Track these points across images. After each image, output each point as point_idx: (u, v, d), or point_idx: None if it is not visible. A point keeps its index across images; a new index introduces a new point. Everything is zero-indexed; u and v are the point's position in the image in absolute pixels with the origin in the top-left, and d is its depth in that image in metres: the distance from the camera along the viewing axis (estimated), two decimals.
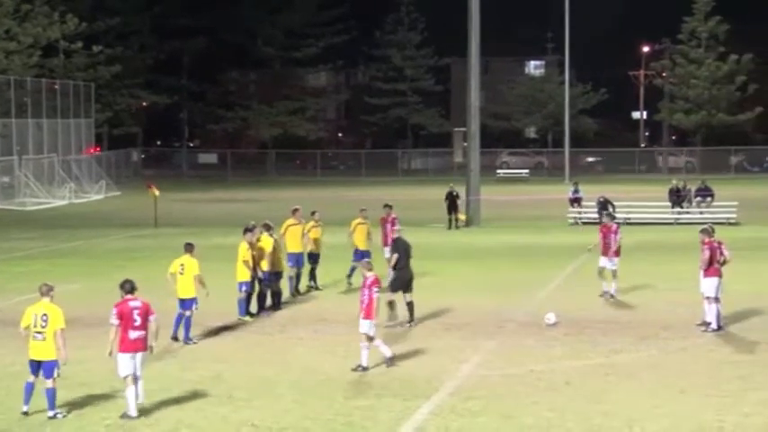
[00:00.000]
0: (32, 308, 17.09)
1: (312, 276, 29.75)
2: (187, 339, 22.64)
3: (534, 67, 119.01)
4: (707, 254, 23.06)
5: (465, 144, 55.81)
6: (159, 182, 60.26)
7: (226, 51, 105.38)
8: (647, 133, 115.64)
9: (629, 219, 48.77)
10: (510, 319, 24.90)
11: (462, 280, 31.67)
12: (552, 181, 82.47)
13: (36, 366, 16.99)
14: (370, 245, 29.91)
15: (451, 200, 48.39)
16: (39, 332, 16.84)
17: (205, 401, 17.61)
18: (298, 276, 28.82)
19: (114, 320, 16.80)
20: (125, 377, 16.79)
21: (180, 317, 22.62)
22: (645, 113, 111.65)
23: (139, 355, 16.94)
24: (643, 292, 28.64)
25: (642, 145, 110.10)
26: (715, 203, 50.41)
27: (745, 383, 18.56)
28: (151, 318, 17.09)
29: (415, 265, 34.76)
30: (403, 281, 24.13)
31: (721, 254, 23.20)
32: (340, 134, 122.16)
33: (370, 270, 20.29)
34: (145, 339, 17.02)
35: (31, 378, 17.10)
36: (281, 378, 19.22)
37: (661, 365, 20.00)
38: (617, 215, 48.36)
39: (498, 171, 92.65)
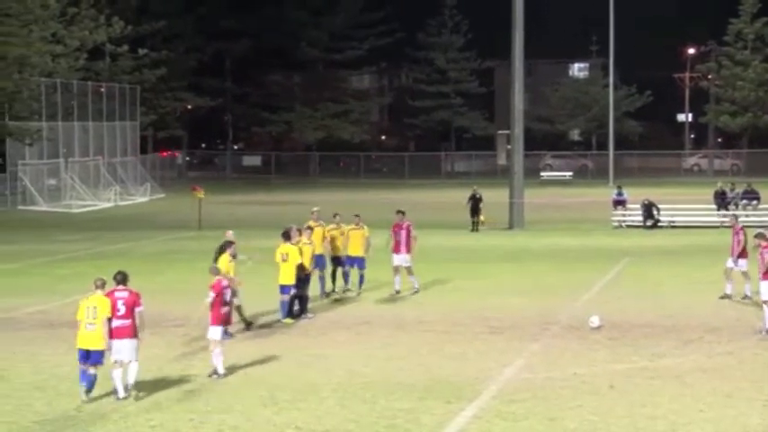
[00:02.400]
0: (86, 301, 18.06)
1: (333, 278, 29.41)
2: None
3: (578, 70, 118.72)
4: (767, 257, 22.83)
5: (509, 147, 55.66)
6: (203, 184, 60.58)
7: (269, 53, 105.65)
8: (692, 136, 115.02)
9: (673, 222, 48.56)
10: (553, 321, 24.84)
11: (506, 282, 31.62)
12: (596, 184, 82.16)
13: (86, 355, 17.91)
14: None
15: (474, 202, 48.37)
16: (90, 323, 17.85)
17: (249, 403, 17.67)
18: (322, 279, 28.62)
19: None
20: (115, 360, 17.90)
21: None
22: (690, 116, 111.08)
23: (126, 342, 17.90)
24: (688, 295, 28.46)
25: (688, 148, 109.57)
26: (761, 206, 50.04)
27: None
28: (137, 309, 18.06)
29: (459, 267, 34.96)
30: None
31: None
32: (383, 136, 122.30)
33: (217, 275, 20.26)
34: (130, 328, 17.97)
35: (83, 366, 18.01)
36: (324, 380, 19.26)
37: (706, 369, 19.88)
38: (661, 218, 48.47)
39: (542, 174, 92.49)
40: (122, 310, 17.94)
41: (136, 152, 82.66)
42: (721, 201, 49.52)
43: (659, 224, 48.28)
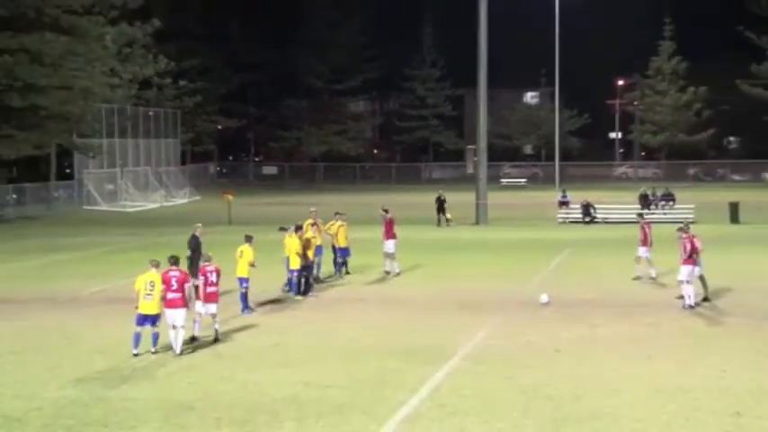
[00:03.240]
0: (143, 276, 18.64)
1: (336, 266, 29.00)
2: (245, 309, 22.80)
3: (530, 97, 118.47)
4: (687, 246, 22.86)
5: (475, 158, 55.64)
6: (231, 189, 60.50)
7: (283, 84, 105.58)
8: (621, 150, 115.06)
9: (606, 219, 48.59)
10: (511, 299, 24.86)
11: (473, 268, 31.63)
12: (545, 188, 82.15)
13: (143, 319, 18.45)
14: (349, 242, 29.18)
15: (440, 203, 48.32)
16: (148, 294, 18.44)
17: (268, 365, 17.67)
18: (318, 265, 27.98)
19: (161, 285, 18.50)
20: (173, 326, 18.44)
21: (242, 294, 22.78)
22: (620, 134, 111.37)
23: (178, 311, 18.37)
24: (619, 277, 28.47)
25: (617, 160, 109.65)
26: (676, 206, 50.12)
27: (701, 351, 18.45)
28: (186, 285, 18.65)
29: (436, 256, 34.96)
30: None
31: (694, 246, 23.01)
32: (375, 150, 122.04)
33: (208, 261, 20.10)
34: (181, 299, 18.47)
35: (138, 329, 18.48)
36: (329, 346, 19.25)
37: (634, 337, 19.90)
38: (597, 215, 48.49)
39: (502, 180, 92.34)
40: (175, 285, 18.47)
41: (177, 163, 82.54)
42: (644, 202, 49.56)
43: (595, 220, 48.33)
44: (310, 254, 25.61)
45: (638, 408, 14.60)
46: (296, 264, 24.90)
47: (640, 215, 30.40)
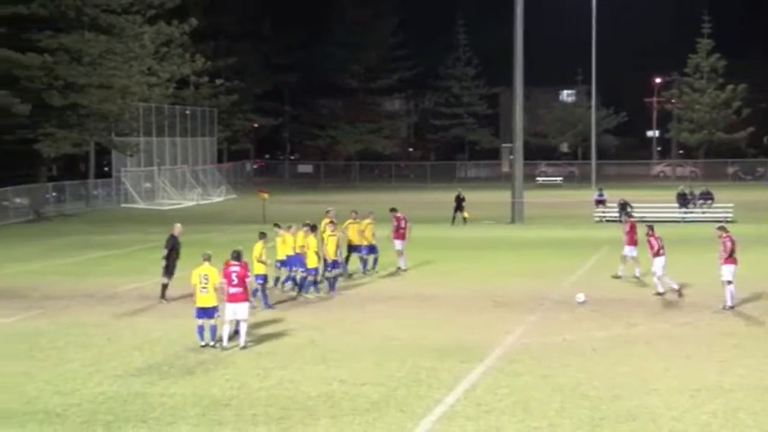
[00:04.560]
0: (197, 270, 18.89)
1: (363, 262, 29.24)
2: (266, 305, 23.08)
3: (567, 95, 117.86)
4: (728, 245, 22.68)
5: (511, 157, 55.42)
6: (266, 187, 60.65)
7: (318, 83, 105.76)
8: (658, 148, 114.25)
9: (643, 217, 48.23)
10: (547, 297, 24.76)
11: (509, 266, 31.54)
12: (581, 187, 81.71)
13: (202, 312, 18.69)
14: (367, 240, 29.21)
15: (458, 201, 48.09)
16: (204, 287, 18.73)
17: (303, 362, 17.71)
18: (375, 260, 28.60)
19: (221, 279, 18.72)
20: (228, 319, 18.66)
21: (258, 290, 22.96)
22: (657, 132, 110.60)
23: (240, 305, 18.54)
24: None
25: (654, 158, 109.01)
26: (715, 205, 49.69)
27: (740, 351, 18.28)
28: (247, 280, 18.88)
29: (472, 254, 34.90)
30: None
31: (734, 246, 22.82)
32: (410, 149, 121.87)
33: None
34: (242, 294, 18.64)
35: (200, 321, 18.77)
36: (364, 344, 19.27)
37: (670, 336, 19.76)
38: (633, 214, 48.14)
39: (537, 179, 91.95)
40: (236, 280, 18.63)
41: (214, 161, 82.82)
42: (682, 200, 49.17)
43: (632, 219, 47.93)
44: (332, 253, 25.54)
45: (677, 407, 14.48)
46: (314, 262, 24.86)
47: (628, 214, 30.27)
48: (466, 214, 47.72)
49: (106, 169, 72.27)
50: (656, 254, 24.67)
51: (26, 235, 45.23)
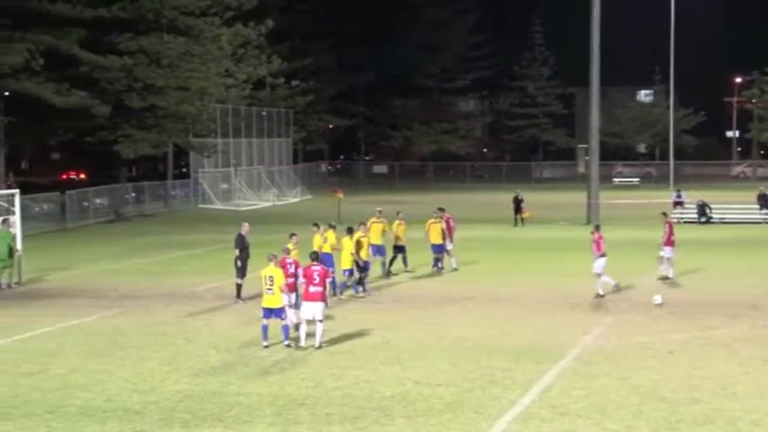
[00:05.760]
0: (263, 271, 19.10)
1: (404, 261, 29.37)
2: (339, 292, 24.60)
3: (644, 95, 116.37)
4: None
5: (587, 157, 54.93)
6: (342, 187, 60.88)
7: (393, 83, 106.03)
8: (738, 149, 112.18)
9: (723, 219, 47.49)
10: (624, 299, 24.51)
11: (585, 267, 31.18)
12: (659, 188, 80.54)
13: (268, 313, 18.90)
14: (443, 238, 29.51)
15: (517, 203, 47.71)
16: (269, 288, 18.85)
17: (378, 362, 17.77)
18: (383, 264, 28.64)
19: (301, 280, 19.03)
20: (306, 318, 18.80)
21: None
22: (737, 132, 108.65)
23: (318, 304, 18.75)
24: (734, 278, 27.82)
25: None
26: None
27: None
28: (327, 280, 19.35)
29: (546, 255, 34.66)
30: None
31: None
32: (485, 149, 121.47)
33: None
34: (321, 294, 18.96)
35: (265, 321, 19.00)
36: (438, 344, 19.27)
37: (750, 339, 19.41)
38: (713, 216, 47.38)
39: (614, 179, 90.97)
40: (317, 279, 18.79)
41: (289, 162, 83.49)
42: (763, 202, 48.22)
43: (711, 220, 47.24)
44: (363, 254, 25.49)
45: (756, 411, 14.22)
46: (347, 263, 24.93)
47: (664, 213, 29.70)
48: (526, 214, 47.41)
49: (184, 170, 73.32)
50: (602, 254, 24.86)
51: (106, 235, 46.11)
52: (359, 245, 25.34)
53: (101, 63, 57.09)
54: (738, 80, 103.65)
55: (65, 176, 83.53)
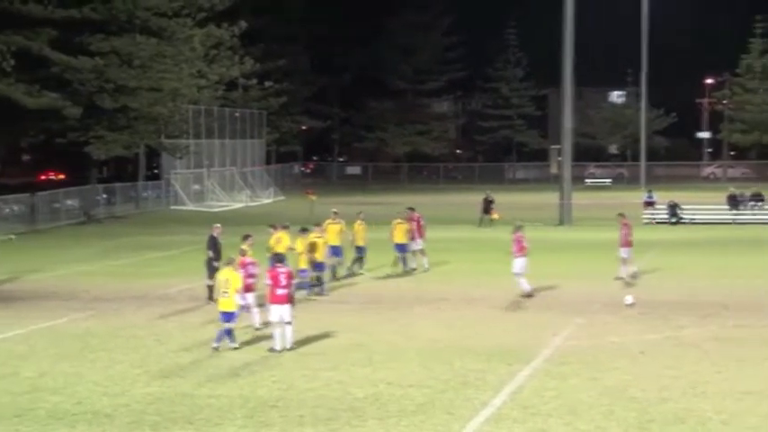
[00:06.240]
0: (220, 274, 19.31)
1: (360, 263, 29.52)
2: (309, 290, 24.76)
3: (616, 96, 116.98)
4: None
5: (559, 158, 55.15)
6: (315, 189, 60.76)
7: (367, 85, 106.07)
8: (709, 150, 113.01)
9: (694, 219, 47.80)
10: (595, 300, 24.60)
11: (556, 268, 31.36)
12: (630, 188, 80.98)
13: (226, 316, 18.87)
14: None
15: (486, 203, 47.89)
16: (225, 291, 18.91)
17: (350, 363, 17.74)
18: (336, 265, 28.55)
19: (268, 281, 18.83)
20: (274, 321, 18.63)
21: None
22: (708, 133, 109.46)
23: (286, 307, 18.61)
24: (705, 278, 27.99)
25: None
26: (766, 207, 49.05)
27: None
28: (293, 281, 19.15)
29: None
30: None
31: None
32: (458, 150, 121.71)
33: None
34: (287, 296, 18.67)
35: (225, 325, 18.91)
36: (410, 345, 19.26)
37: (721, 339, 19.53)
38: (683, 216, 47.68)
39: (586, 180, 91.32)
40: (284, 281, 18.67)
41: (262, 163, 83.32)
42: (733, 203, 48.61)
43: (682, 221, 47.54)
44: (318, 255, 25.46)
45: (726, 411, 14.31)
46: (303, 264, 24.92)
47: (620, 214, 29.90)
48: (495, 216, 47.53)
49: (156, 171, 72.97)
50: (522, 254, 24.99)
51: (78, 237, 45.82)
52: (313, 246, 25.28)
53: (72, 64, 56.67)
54: (709, 81, 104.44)
55: (43, 177, 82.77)
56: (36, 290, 28.05)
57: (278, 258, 19.72)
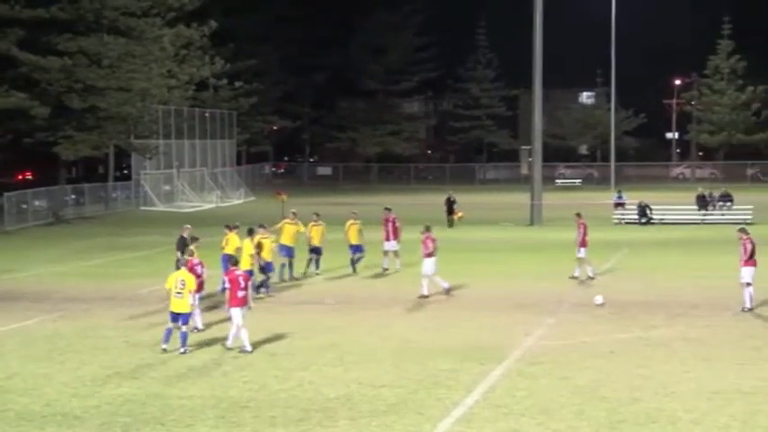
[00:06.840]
0: (174, 275, 18.96)
1: (316, 264, 29.62)
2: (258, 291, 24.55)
3: (586, 97, 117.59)
4: (748, 247, 22.55)
5: (530, 159, 55.39)
6: (285, 189, 60.61)
7: (338, 85, 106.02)
8: (678, 150, 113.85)
9: (663, 219, 48.11)
10: (565, 300, 24.70)
11: (528, 268, 31.49)
12: (600, 189, 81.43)
13: (175, 317, 18.65)
14: (362, 240, 29.90)
15: (449, 204, 48.11)
16: (179, 292, 18.59)
17: (322, 363, 17.72)
18: (290, 265, 28.56)
19: (227, 285, 18.95)
20: (238, 324, 18.49)
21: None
22: (676, 134, 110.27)
23: (245, 309, 18.69)
24: (675, 278, 28.18)
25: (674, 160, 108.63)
26: (734, 207, 49.48)
27: (759, 354, 18.18)
28: (249, 283, 19.15)
29: (490, 256, 34.87)
30: None
31: (753, 248, 22.70)
32: (429, 151, 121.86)
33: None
34: (246, 298, 18.77)
35: (170, 325, 18.80)
36: (383, 346, 19.26)
37: (690, 338, 19.67)
38: (653, 216, 47.98)
39: (556, 181, 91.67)
40: (243, 283, 18.63)
41: (233, 164, 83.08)
42: (702, 202, 48.97)
43: (651, 221, 47.85)
44: (265, 255, 25.40)
45: (696, 410, 14.41)
46: (247, 264, 24.79)
47: (578, 214, 30.11)
48: (458, 215, 47.66)
49: (125, 172, 72.56)
50: (429, 254, 25.04)
51: (46, 237, 45.49)
52: (260, 246, 25.23)
53: (40, 64, 56.32)
54: (678, 82, 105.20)
55: (20, 177, 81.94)
56: (5, 291, 27.83)
57: (233, 261, 19.79)
